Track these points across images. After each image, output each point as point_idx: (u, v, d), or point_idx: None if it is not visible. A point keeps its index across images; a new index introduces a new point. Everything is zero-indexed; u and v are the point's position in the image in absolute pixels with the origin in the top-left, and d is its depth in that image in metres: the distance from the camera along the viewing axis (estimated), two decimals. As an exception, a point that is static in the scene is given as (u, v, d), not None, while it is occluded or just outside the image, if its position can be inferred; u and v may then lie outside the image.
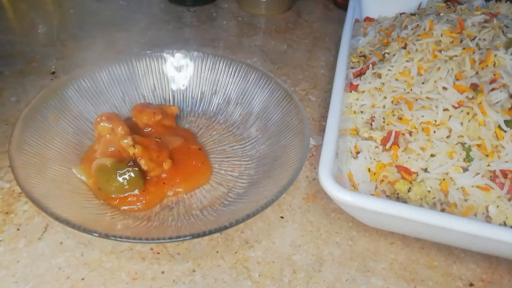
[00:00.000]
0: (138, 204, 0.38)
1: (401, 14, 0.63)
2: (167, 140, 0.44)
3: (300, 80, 0.60)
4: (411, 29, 0.53)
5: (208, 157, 0.44)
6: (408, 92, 0.45)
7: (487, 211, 0.37)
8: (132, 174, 0.38)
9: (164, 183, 0.40)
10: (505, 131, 0.38)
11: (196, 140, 0.47)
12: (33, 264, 0.34)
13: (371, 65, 0.51)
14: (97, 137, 0.42)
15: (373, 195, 0.40)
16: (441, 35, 0.48)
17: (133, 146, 0.39)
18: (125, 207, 0.38)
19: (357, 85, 0.49)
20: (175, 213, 0.39)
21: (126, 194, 0.38)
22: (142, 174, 0.39)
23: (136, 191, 0.38)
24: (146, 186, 0.39)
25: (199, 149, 0.44)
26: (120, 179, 0.38)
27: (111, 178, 0.38)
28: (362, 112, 0.48)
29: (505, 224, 0.37)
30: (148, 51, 0.50)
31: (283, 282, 0.35)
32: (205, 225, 0.34)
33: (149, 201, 0.39)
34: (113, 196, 0.38)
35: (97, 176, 0.39)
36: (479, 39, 0.47)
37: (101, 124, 0.41)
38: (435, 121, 0.41)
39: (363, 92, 0.49)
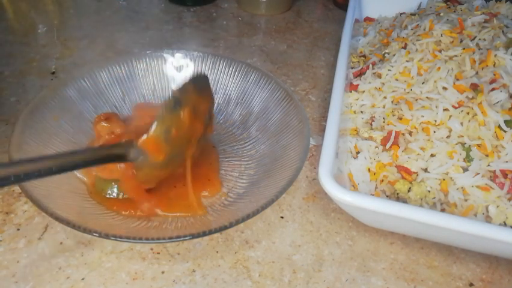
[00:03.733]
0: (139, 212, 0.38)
1: (401, 14, 0.63)
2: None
3: (300, 80, 0.60)
4: (411, 29, 0.53)
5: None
6: (408, 92, 0.45)
7: (487, 211, 0.37)
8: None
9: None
10: (505, 131, 0.38)
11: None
12: (33, 264, 0.34)
13: (371, 65, 0.51)
14: (97, 137, 0.42)
15: (373, 195, 0.40)
16: (441, 35, 0.48)
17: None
18: (126, 212, 0.37)
19: (357, 85, 0.49)
20: (175, 213, 0.39)
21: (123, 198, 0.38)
22: None
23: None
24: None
25: (210, 164, 0.43)
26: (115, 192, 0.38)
27: (107, 187, 0.38)
28: (362, 112, 0.47)
29: (505, 224, 0.37)
30: (148, 51, 0.50)
31: (283, 282, 0.35)
32: (205, 225, 0.34)
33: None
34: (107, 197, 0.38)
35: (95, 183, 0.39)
36: (479, 39, 0.47)
37: (101, 124, 0.41)
38: (435, 121, 0.41)
39: (363, 92, 0.49)
